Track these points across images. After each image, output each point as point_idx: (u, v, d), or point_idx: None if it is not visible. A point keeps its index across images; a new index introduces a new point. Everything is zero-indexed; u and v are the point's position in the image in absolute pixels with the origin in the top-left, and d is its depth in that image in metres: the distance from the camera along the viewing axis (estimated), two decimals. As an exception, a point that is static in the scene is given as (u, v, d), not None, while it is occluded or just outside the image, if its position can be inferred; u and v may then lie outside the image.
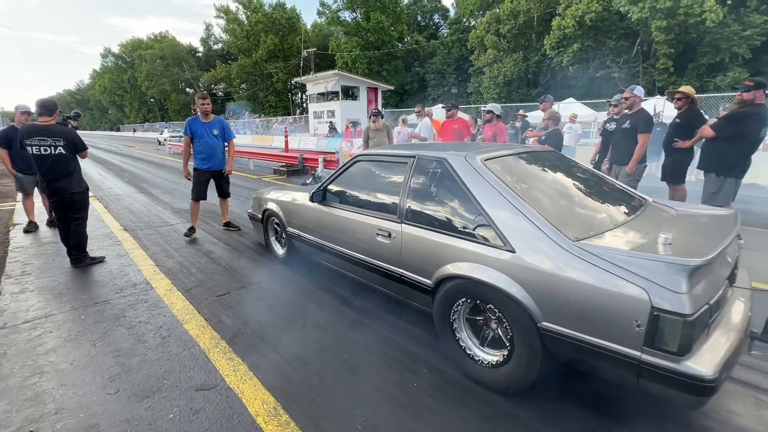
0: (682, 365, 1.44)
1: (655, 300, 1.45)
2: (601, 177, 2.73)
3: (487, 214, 1.99)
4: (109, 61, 67.83)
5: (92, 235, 4.93)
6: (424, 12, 48.12)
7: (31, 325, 2.75)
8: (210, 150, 4.72)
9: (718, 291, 1.64)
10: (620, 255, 1.62)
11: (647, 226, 2.04)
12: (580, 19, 26.57)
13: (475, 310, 2.13)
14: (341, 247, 2.95)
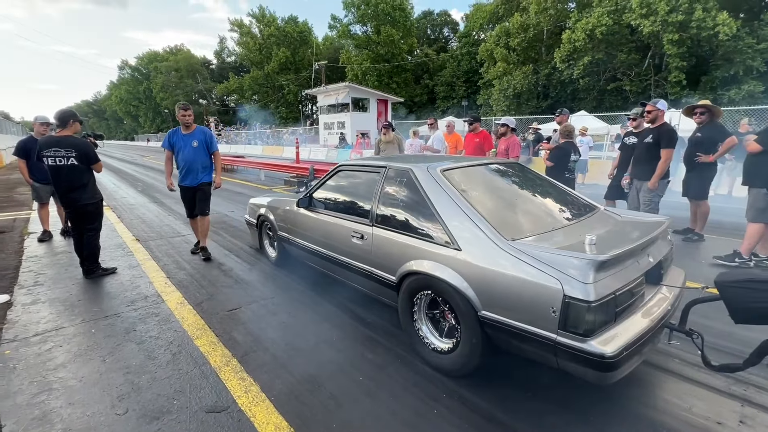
0: (587, 345, 1.67)
1: (567, 289, 1.70)
2: (556, 186, 3.01)
3: (441, 218, 2.27)
4: (126, 72, 69.64)
5: (105, 245, 4.93)
6: (434, 26, 48.73)
7: (41, 339, 2.71)
8: (188, 164, 4.25)
9: (629, 284, 1.86)
10: (543, 252, 1.88)
11: (584, 229, 2.29)
12: (591, 33, 26.56)
13: (432, 303, 2.40)
14: (323, 248, 3.21)
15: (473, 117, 5.93)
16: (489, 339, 2.06)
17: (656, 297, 2.12)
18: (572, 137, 5.39)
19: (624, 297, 1.83)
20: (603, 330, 1.73)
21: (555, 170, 5.35)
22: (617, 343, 1.69)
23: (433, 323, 2.44)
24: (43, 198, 5.27)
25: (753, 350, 1.73)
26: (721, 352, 2.47)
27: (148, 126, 68.93)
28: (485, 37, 37.69)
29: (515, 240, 2.03)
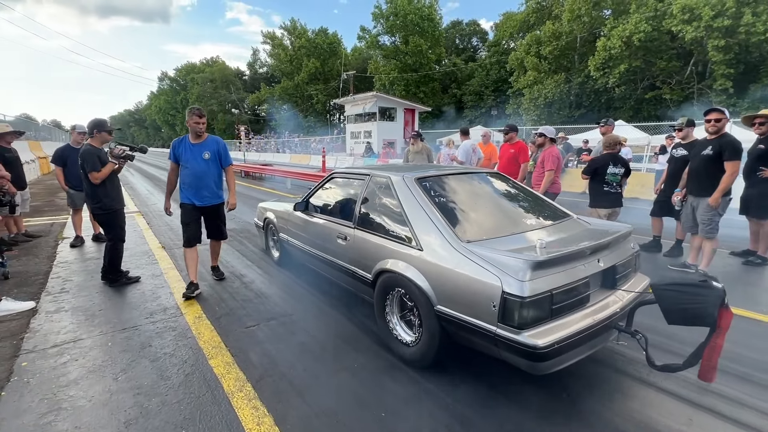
0: (521, 337, 1.83)
1: (505, 286, 1.86)
2: (531, 196, 3.19)
3: (409, 221, 2.50)
4: (165, 83, 73.21)
5: (131, 252, 4.98)
6: (462, 35, 48.54)
7: (58, 351, 2.65)
8: (197, 179, 3.60)
9: (569, 284, 1.99)
10: (490, 253, 2.07)
11: (546, 234, 2.45)
12: (628, 40, 25.58)
13: (402, 299, 2.57)
14: (314, 248, 3.53)
15: (510, 126, 5.62)
16: (444, 331, 2.26)
17: (607, 300, 2.25)
18: (614, 148, 5.01)
19: (562, 296, 1.96)
20: (538, 324, 1.89)
21: (592, 183, 4.98)
22: (550, 337, 1.83)
23: (402, 318, 2.64)
24: (77, 204, 5.40)
25: (692, 352, 1.84)
26: (675, 354, 2.50)
27: (183, 134, 71.85)
28: (515, 46, 37.11)
29: (470, 242, 2.22)
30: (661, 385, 2.29)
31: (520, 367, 1.93)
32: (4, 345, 2.73)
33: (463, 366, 2.47)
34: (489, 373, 2.39)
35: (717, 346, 1.74)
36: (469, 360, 2.50)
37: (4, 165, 5.08)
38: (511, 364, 1.97)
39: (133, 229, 6.38)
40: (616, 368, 2.47)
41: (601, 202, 4.92)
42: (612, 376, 2.40)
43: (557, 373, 1.94)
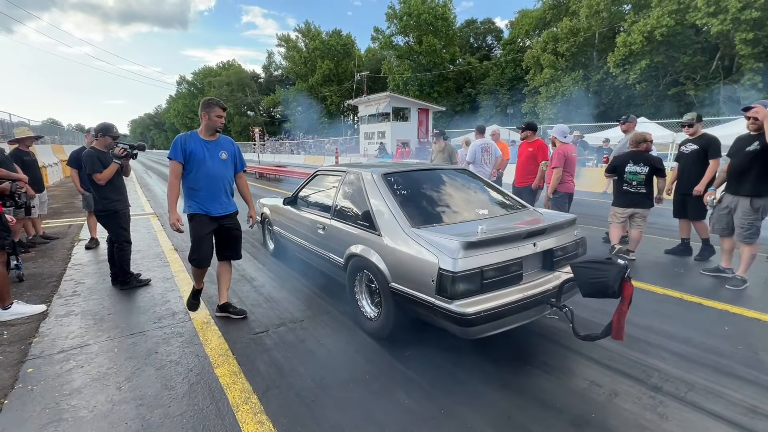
0: (453, 306, 2.14)
1: (441, 263, 2.19)
2: (492, 189, 3.51)
3: (373, 211, 2.83)
4: (183, 87, 74.74)
5: (144, 254, 4.97)
6: (476, 34, 47.97)
7: (64, 357, 2.60)
8: (214, 183, 2.92)
9: (500, 263, 2.29)
10: (432, 236, 2.39)
11: (495, 222, 2.80)
12: (649, 35, 24.75)
13: (368, 279, 2.89)
14: (300, 239, 3.91)
15: (527, 124, 5.40)
16: (398, 305, 2.58)
17: (543, 278, 2.56)
18: (639, 146, 4.75)
19: (492, 272, 2.26)
20: (469, 296, 2.19)
21: (615, 182, 4.75)
22: (477, 307, 2.15)
23: (369, 296, 2.97)
24: (92, 206, 5.43)
25: (606, 324, 2.12)
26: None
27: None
28: (531, 44, 36.44)
29: (419, 227, 2.54)
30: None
31: (454, 333, 2.24)
32: (12, 350, 2.70)
33: (486, 379, 2.32)
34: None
35: (623, 312, 2.06)
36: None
37: (23, 168, 5.15)
38: (450, 331, 2.28)
39: (146, 231, 6.41)
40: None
41: (618, 201, 4.69)
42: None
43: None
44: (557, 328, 2.98)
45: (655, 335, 2.86)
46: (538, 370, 2.44)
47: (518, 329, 2.48)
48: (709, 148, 4.47)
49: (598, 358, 2.56)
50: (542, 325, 3.03)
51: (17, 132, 5.71)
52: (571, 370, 2.44)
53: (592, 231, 6.32)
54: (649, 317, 3.16)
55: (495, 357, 2.59)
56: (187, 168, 2.91)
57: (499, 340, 2.69)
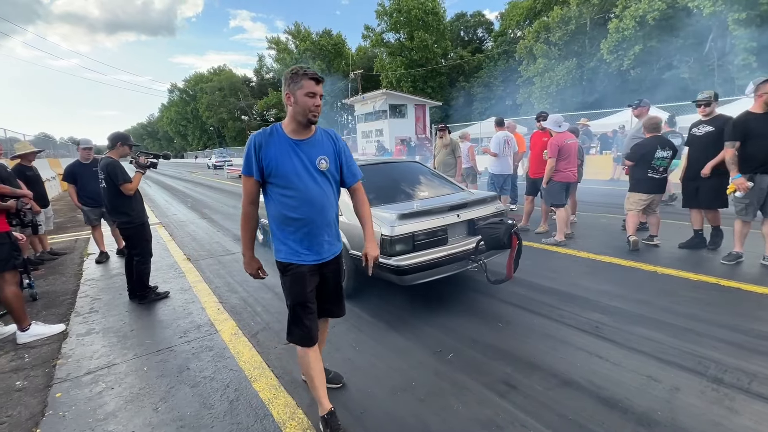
0: (392, 261, 2.96)
1: (383, 230, 3.00)
2: (437, 177, 4.35)
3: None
4: (175, 95, 74.15)
5: (157, 265, 4.84)
6: (467, 27, 47.80)
7: (92, 378, 2.49)
8: (313, 211, 1.81)
9: (428, 229, 3.11)
10: (379, 212, 3.11)
11: (430, 201, 3.58)
12: (641, 19, 24.73)
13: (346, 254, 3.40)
14: None
15: (543, 114, 5.31)
16: (356, 268, 3.36)
17: (465, 241, 3.35)
18: (659, 130, 4.66)
19: (422, 236, 3.08)
20: (404, 254, 3.00)
21: (634, 169, 4.65)
22: (410, 261, 2.95)
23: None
24: (93, 221, 5.31)
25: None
26: None
27: (195, 144, 72.84)
28: (522, 34, 36.33)
29: (372, 207, 2.75)
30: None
31: (395, 281, 3.05)
32: (36, 374, 2.58)
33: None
34: (565, 388, 2.14)
35: (511, 257, 3.03)
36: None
37: (26, 183, 5.00)
38: (392, 281, 3.08)
39: (156, 241, 6.24)
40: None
41: (641, 187, 4.60)
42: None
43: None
44: (598, 334, 2.89)
45: (701, 324, 2.77)
46: (594, 366, 2.35)
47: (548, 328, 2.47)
48: (727, 130, 3.95)
49: (649, 351, 2.47)
50: (581, 326, 2.94)
51: (18, 147, 5.55)
52: (624, 365, 2.34)
53: (608, 219, 6.24)
54: (690, 305, 3.07)
55: (543, 358, 2.50)
56: (269, 187, 1.79)
57: (555, 348, 2.60)
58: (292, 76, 1.76)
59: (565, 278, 3.82)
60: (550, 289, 3.57)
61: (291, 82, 1.75)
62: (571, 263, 4.27)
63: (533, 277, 3.86)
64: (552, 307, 3.18)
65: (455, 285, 3.77)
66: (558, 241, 4.92)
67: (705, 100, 4.24)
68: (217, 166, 31.29)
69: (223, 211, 9.16)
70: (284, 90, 1.79)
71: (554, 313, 3.08)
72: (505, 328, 2.88)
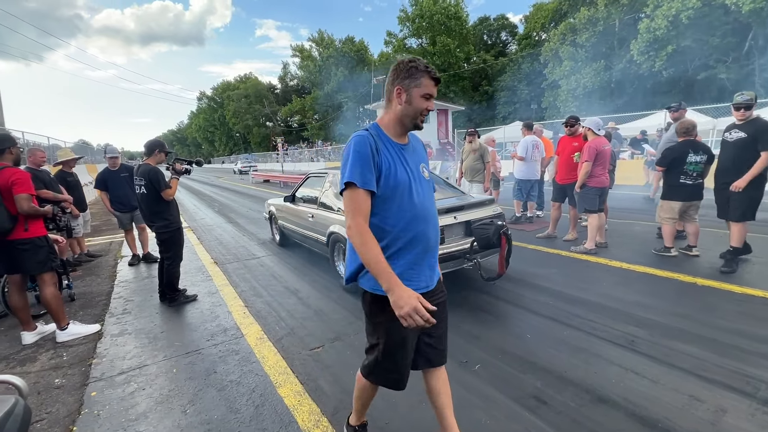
0: None
1: None
2: (438, 181, 4.56)
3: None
4: (204, 102, 76.88)
5: (186, 268, 4.97)
6: (490, 31, 47.38)
7: (125, 378, 2.57)
8: (425, 229, 1.50)
9: None
10: None
11: None
12: (674, 18, 23.79)
13: (340, 248, 4.01)
14: (297, 227, 5.07)
15: (572, 119, 5.16)
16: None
17: (462, 241, 3.57)
18: (692, 134, 4.44)
19: None
20: None
21: (667, 174, 4.44)
22: None
23: (342, 262, 4.03)
24: (125, 225, 5.54)
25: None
26: None
27: (222, 149, 75.14)
28: (547, 37, 35.67)
29: None
30: None
31: None
32: (73, 372, 2.68)
33: (564, 395, 2.13)
34: (600, 405, 2.03)
35: (501, 256, 3.25)
36: (571, 388, 2.15)
37: (67, 189, 5.27)
38: None
39: (185, 244, 6.44)
40: (758, 398, 2.06)
41: (675, 194, 4.39)
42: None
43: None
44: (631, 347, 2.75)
45: (747, 340, 2.60)
46: (629, 382, 2.24)
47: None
48: (762, 138, 3.69)
49: (690, 368, 2.33)
50: (614, 339, 2.81)
51: (60, 154, 5.86)
52: (662, 382, 2.21)
53: (642, 226, 5.99)
54: (735, 320, 2.89)
55: (574, 372, 2.40)
56: (377, 201, 1.44)
57: (588, 362, 2.50)
58: (408, 70, 1.43)
59: (596, 288, 3.67)
60: (581, 299, 3.44)
61: (407, 77, 1.43)
62: (603, 273, 4.11)
63: (562, 287, 3.73)
64: (583, 319, 3.06)
65: (480, 291, 3.70)
66: (588, 250, 4.75)
67: (745, 102, 3.87)
68: (243, 171, 32.12)
69: (248, 216, 9.36)
70: (393, 83, 1.47)
71: (585, 325, 2.96)
72: (534, 340, 2.79)
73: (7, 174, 2.86)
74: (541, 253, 4.94)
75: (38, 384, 2.55)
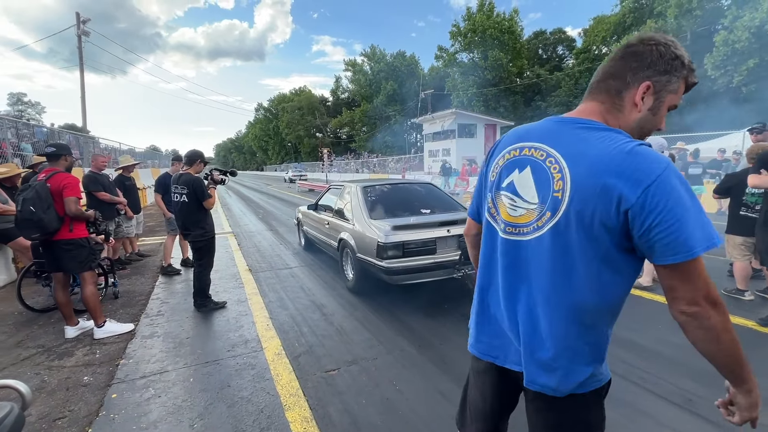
0: (384, 263, 3.66)
1: (379, 239, 3.70)
2: (443, 196, 4.97)
3: (352, 210, 4.39)
4: (260, 113, 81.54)
5: (222, 274, 5.13)
6: (546, 45, 46.02)
7: (145, 383, 2.62)
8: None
9: (419, 240, 3.75)
10: (379, 223, 3.92)
11: (430, 217, 4.14)
12: (758, 30, 21.58)
13: (348, 253, 4.40)
14: (316, 232, 5.60)
15: None
16: (362, 268, 4.06)
17: (453, 253, 3.86)
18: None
19: (412, 245, 3.72)
20: (395, 258, 3.68)
21: (730, 204, 3.90)
22: (399, 265, 3.66)
23: (349, 266, 4.41)
24: (176, 228, 5.80)
25: None
26: None
27: (274, 158, 78.96)
28: (608, 51, 33.86)
29: (374, 219, 4.04)
30: None
31: (385, 280, 3.72)
32: (102, 371, 2.79)
33: None
34: None
35: None
36: None
37: (124, 192, 5.68)
38: (386, 281, 3.74)
39: (225, 250, 6.72)
40: None
41: (735, 227, 3.83)
42: None
43: None
44: (693, 393, 2.35)
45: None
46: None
47: None
48: None
49: None
50: (671, 386, 2.43)
51: (122, 160, 6.37)
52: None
53: (710, 261, 5.30)
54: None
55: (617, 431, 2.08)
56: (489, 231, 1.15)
57: (634, 421, 2.18)
58: (672, 61, 0.93)
59: (650, 331, 3.24)
60: (631, 342, 3.05)
61: (667, 71, 0.93)
62: (659, 313, 3.64)
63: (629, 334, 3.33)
64: (631, 366, 2.69)
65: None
66: (643, 285, 4.26)
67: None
68: (293, 180, 33.35)
69: (288, 224, 9.60)
70: (638, 73, 0.95)
71: (633, 374, 2.59)
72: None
73: (59, 178, 3.09)
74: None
75: (69, 380, 2.67)
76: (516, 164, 1.03)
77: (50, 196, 3.03)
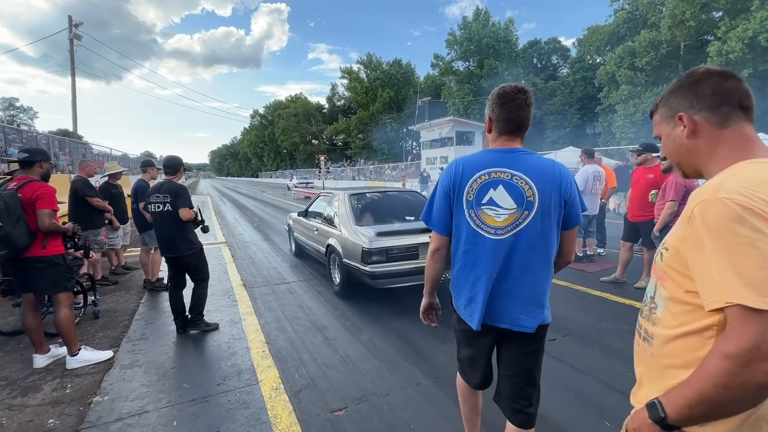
0: (368, 268, 3.80)
1: (364, 245, 3.86)
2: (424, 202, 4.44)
3: (339, 216, 4.58)
4: (256, 120, 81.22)
5: (214, 291, 4.73)
6: (540, 54, 46.33)
7: (120, 428, 2.24)
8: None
9: (401, 246, 3.88)
10: (364, 230, 4.06)
11: (410, 223, 4.29)
12: (751, 41, 21.79)
13: (335, 259, 4.62)
14: (305, 238, 5.74)
15: (644, 145, 4.46)
16: (348, 273, 4.24)
17: None
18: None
19: (395, 251, 3.87)
20: (378, 263, 3.82)
21: None
22: (381, 269, 3.80)
23: (336, 270, 4.59)
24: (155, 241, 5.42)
25: None
26: None
27: (270, 164, 78.53)
28: (602, 60, 34.13)
29: (360, 226, 4.23)
30: None
31: (369, 284, 3.88)
32: (71, 411, 2.41)
33: None
34: None
35: None
36: None
37: (110, 201, 5.30)
38: (370, 285, 3.89)
39: (218, 262, 6.34)
40: None
41: None
42: None
43: None
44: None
45: None
46: None
47: None
48: None
49: None
50: None
51: (108, 167, 5.99)
52: None
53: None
54: None
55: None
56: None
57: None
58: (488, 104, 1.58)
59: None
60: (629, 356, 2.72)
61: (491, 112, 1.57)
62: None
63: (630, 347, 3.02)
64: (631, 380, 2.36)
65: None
66: (644, 286, 3.96)
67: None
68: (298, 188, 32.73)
69: (283, 234, 9.21)
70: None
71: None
72: (589, 409, 2.15)
73: (32, 188, 2.73)
74: (608, 303, 4.20)
75: (31, 423, 2.29)
76: (490, 185, 1.43)
77: (20, 207, 2.67)
